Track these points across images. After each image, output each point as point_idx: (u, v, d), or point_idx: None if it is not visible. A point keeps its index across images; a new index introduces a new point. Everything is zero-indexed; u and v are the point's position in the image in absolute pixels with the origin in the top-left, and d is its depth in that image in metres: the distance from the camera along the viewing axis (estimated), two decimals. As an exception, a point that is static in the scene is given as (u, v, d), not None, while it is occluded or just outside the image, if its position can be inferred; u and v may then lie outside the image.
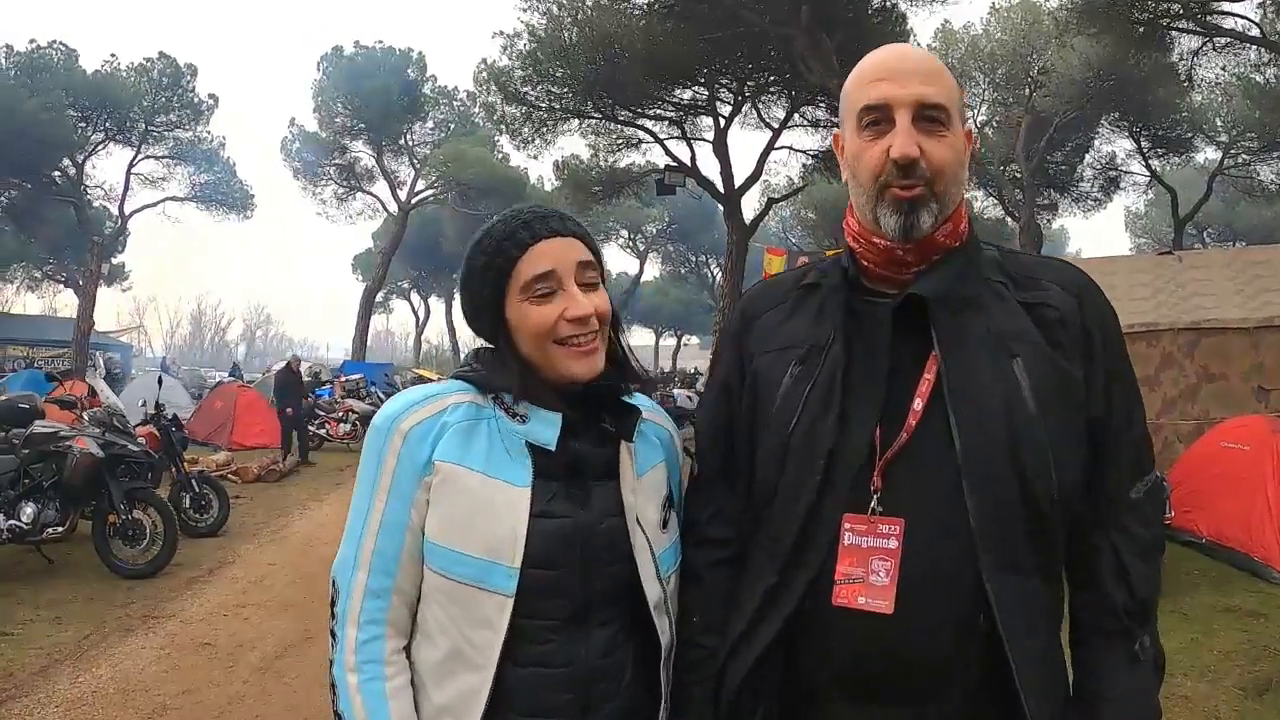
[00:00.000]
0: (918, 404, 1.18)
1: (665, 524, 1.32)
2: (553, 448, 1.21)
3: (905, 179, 1.18)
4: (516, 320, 1.25)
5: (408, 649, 1.25)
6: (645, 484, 1.30)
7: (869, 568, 1.16)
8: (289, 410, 13.59)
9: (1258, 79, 19.83)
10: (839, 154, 1.30)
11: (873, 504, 1.17)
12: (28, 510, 6.12)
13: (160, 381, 11.97)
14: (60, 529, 6.25)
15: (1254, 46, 17.02)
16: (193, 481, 8.10)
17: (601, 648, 1.23)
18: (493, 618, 1.17)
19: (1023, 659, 1.11)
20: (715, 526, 1.35)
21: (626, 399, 1.32)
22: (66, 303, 41.49)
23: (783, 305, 1.36)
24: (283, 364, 15.70)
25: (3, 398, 9.11)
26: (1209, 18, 15.87)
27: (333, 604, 1.24)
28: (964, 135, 1.25)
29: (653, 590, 1.26)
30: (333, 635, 1.23)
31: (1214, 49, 17.84)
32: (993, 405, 1.15)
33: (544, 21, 17.54)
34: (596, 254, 1.29)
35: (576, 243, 1.26)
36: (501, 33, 18.54)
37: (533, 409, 1.24)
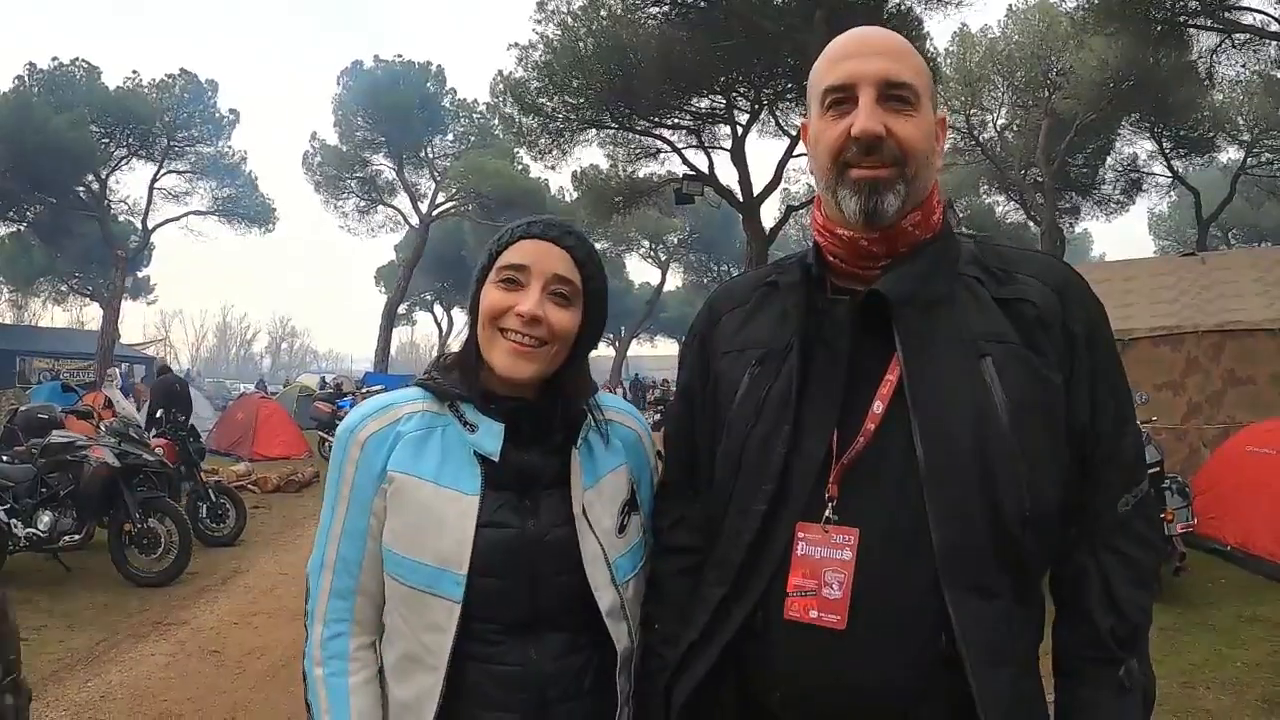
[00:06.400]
0: (878, 407, 1.11)
1: (623, 529, 1.29)
2: (496, 458, 1.22)
3: (868, 158, 1.11)
4: (483, 300, 1.26)
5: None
6: (600, 489, 1.28)
7: (822, 580, 1.08)
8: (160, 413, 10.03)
9: (1279, 75, 19.46)
10: (806, 145, 1.23)
11: (827, 513, 1.10)
12: (45, 518, 6.21)
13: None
14: (77, 537, 6.31)
15: (1274, 42, 16.70)
16: (209, 491, 8.16)
17: (554, 652, 1.23)
18: (442, 622, 1.20)
19: (986, 689, 1.01)
20: (678, 534, 1.31)
21: (584, 404, 1.31)
22: (93, 316, 42.15)
23: (745, 305, 1.29)
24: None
25: (24, 408, 9.25)
26: (1227, 14, 15.61)
27: (306, 601, 1.30)
28: (936, 120, 1.18)
29: (605, 597, 1.24)
30: (307, 631, 1.29)
31: (1233, 46, 17.53)
32: (959, 412, 1.07)
33: (559, 32, 17.58)
34: (588, 278, 1.26)
35: (565, 256, 1.24)
36: (517, 44, 18.63)
37: (481, 418, 1.25)
